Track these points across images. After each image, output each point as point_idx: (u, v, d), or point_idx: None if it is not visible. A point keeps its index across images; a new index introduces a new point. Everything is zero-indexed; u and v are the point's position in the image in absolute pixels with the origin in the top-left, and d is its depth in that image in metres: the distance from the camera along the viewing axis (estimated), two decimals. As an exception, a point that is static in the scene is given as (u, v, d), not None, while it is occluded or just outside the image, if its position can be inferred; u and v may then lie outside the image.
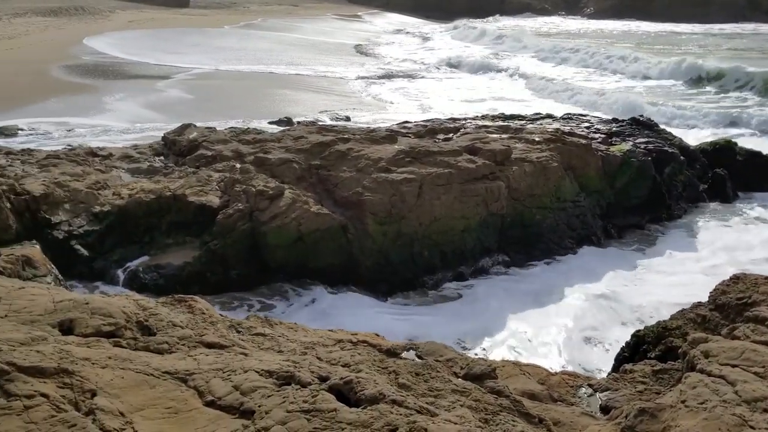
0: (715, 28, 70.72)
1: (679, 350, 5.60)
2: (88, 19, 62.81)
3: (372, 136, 14.59)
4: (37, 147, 15.96)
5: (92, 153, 14.33)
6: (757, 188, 17.27)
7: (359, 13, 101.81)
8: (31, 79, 29.45)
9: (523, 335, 10.46)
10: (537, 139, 15.03)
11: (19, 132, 19.91)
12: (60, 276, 9.58)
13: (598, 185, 15.00)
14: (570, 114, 19.68)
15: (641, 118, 18.40)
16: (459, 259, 12.50)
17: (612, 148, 15.77)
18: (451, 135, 15.76)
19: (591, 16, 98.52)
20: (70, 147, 15.43)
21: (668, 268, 13.04)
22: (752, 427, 4.09)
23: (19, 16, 58.73)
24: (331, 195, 12.77)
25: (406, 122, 18.10)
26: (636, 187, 15.29)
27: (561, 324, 10.75)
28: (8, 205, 10.82)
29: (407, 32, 75.96)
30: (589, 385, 5.99)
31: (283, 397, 4.17)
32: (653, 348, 6.89)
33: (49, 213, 11.38)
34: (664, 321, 7.18)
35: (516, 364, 6.38)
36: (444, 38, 67.37)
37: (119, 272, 11.10)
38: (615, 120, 18.71)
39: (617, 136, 16.82)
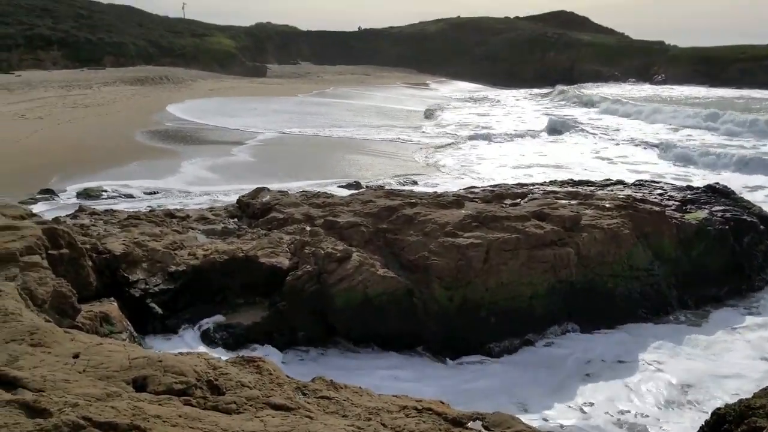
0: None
1: (764, 431, 5.28)
2: (171, 88, 66.53)
3: (439, 201, 14.69)
4: (119, 208, 16.79)
5: (170, 214, 14.94)
6: None
7: (427, 82, 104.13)
8: (117, 143, 31.22)
9: (591, 407, 10.06)
10: (608, 205, 14.78)
11: (103, 193, 21.01)
12: (135, 333, 9.93)
13: (673, 254, 14.53)
14: (642, 180, 19.33)
15: (717, 186, 17.87)
16: (526, 326, 12.24)
17: (687, 216, 15.34)
18: (518, 200, 15.70)
19: (662, 83, 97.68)
20: (150, 208, 16.17)
21: (746, 344, 12.38)
22: None
23: (108, 85, 62.81)
24: (397, 258, 12.84)
25: (473, 187, 18.15)
26: (713, 256, 14.73)
27: (629, 397, 10.30)
28: (90, 263, 11.34)
29: (476, 99, 76.99)
30: (666, 465, 5.68)
31: (348, 463, 4.14)
32: (735, 427, 6.48)
33: (127, 271, 11.86)
34: (746, 399, 6.77)
35: (587, 439, 6.12)
36: (519, 104, 68.05)
37: (191, 330, 11.38)
38: (689, 187, 18.24)
39: (692, 204, 16.36)
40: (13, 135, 30.77)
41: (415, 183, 24.20)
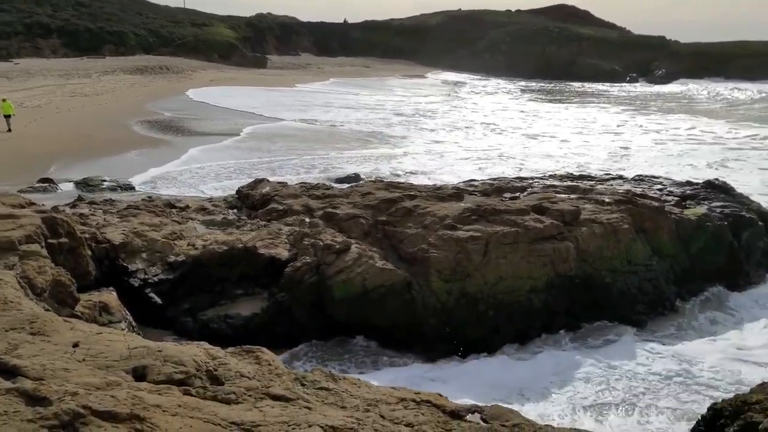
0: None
1: (760, 426, 5.30)
2: (171, 78, 66.31)
3: (438, 194, 14.68)
4: (117, 197, 16.75)
5: (170, 204, 14.93)
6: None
7: (425, 74, 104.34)
8: (116, 133, 31.14)
9: (585, 401, 10.11)
10: (607, 200, 14.78)
11: (102, 183, 20.95)
12: (134, 322, 9.93)
13: (672, 250, 14.54)
14: (642, 175, 19.31)
15: (716, 182, 17.85)
16: (525, 321, 12.25)
17: (686, 212, 15.34)
18: (518, 194, 15.70)
19: (663, 78, 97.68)
20: (149, 198, 16.13)
21: (742, 339, 12.44)
22: None
23: (108, 74, 62.59)
24: (396, 251, 12.85)
25: (473, 180, 18.15)
26: (712, 252, 14.75)
27: (622, 393, 10.36)
28: (89, 252, 11.33)
29: (467, 89, 77.53)
30: (663, 460, 5.71)
31: (346, 454, 4.16)
32: (731, 423, 6.52)
33: (126, 261, 11.87)
34: (743, 394, 6.81)
35: (584, 432, 6.15)
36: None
37: (190, 321, 11.39)
38: (689, 183, 18.24)
39: (691, 200, 16.37)
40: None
41: (408, 173, 24.19)
